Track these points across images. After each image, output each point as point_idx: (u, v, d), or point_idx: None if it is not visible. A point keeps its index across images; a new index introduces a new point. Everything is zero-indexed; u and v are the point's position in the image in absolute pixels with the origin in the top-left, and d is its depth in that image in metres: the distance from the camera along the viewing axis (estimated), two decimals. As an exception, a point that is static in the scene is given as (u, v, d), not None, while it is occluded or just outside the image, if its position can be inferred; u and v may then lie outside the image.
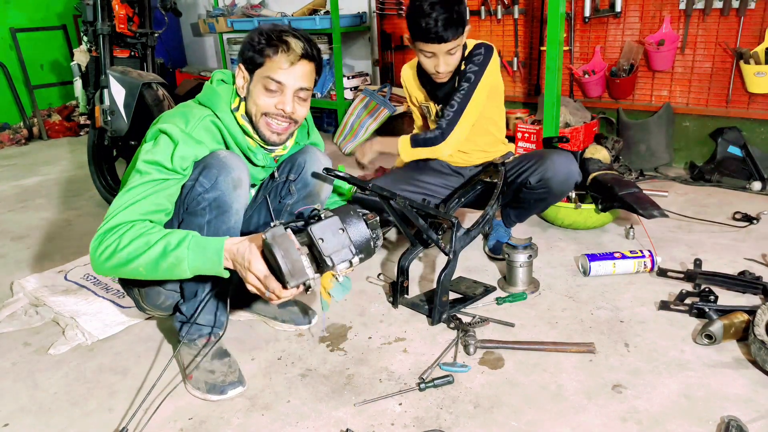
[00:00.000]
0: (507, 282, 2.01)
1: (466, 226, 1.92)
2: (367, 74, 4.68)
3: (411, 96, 2.28)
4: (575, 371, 1.53)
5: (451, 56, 1.95)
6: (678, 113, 3.28)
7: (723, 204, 2.71)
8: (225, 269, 1.31)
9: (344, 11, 4.37)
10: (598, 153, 3.13)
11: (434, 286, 1.86)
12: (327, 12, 4.48)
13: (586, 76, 3.45)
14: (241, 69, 1.51)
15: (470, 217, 2.69)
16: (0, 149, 4.93)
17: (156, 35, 3.09)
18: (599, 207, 2.37)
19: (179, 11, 3.30)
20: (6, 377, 1.64)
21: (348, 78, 4.48)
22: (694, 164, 3.19)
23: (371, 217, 1.33)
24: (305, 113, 1.55)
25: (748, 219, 2.46)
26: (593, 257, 2.05)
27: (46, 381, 1.61)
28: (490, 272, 2.16)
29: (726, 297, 1.85)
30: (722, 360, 1.54)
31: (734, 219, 2.51)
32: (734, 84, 3.06)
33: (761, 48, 2.89)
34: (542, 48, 3.47)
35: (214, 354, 1.57)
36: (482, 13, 3.82)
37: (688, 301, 1.81)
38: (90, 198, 3.34)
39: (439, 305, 1.77)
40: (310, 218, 1.30)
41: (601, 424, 1.33)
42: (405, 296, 1.95)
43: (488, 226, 2.12)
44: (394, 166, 2.41)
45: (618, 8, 3.27)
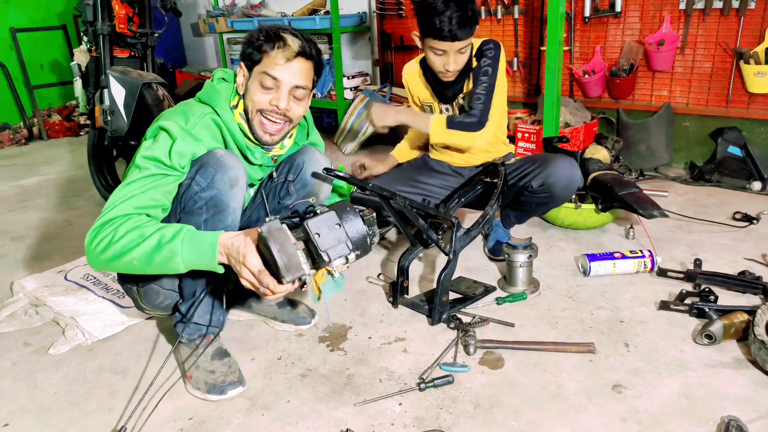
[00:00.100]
0: (507, 282, 2.01)
1: (466, 226, 1.92)
2: (367, 74, 4.68)
3: (414, 95, 2.28)
4: (575, 371, 1.53)
5: (461, 55, 1.94)
6: (678, 113, 3.28)
7: (723, 204, 2.71)
8: (220, 264, 1.29)
9: (344, 11, 4.37)
10: (598, 153, 3.13)
11: (434, 286, 1.86)
12: (327, 12, 4.48)
13: (586, 76, 3.45)
14: (242, 67, 1.51)
15: (470, 217, 2.69)
16: (0, 149, 4.93)
17: (156, 35, 3.09)
18: (599, 207, 2.37)
19: (179, 11, 3.30)
20: (6, 377, 1.64)
21: (348, 78, 4.48)
22: (694, 164, 3.19)
23: (367, 213, 1.32)
24: (301, 113, 1.54)
25: (748, 219, 2.46)
26: (593, 257, 2.05)
27: (46, 381, 1.61)
28: (490, 272, 2.16)
29: (726, 297, 1.85)
30: (722, 360, 1.54)
31: (734, 219, 2.51)
32: (734, 84, 3.06)
33: (761, 48, 2.89)
34: (542, 48, 3.47)
35: (214, 354, 1.57)
36: (482, 13, 3.82)
37: (688, 301, 1.81)
38: (90, 198, 3.34)
39: (439, 305, 1.77)
40: (306, 214, 1.29)
41: (601, 424, 1.33)
42: (405, 296, 1.95)
43: (488, 226, 2.12)
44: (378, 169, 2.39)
45: (618, 8, 3.27)
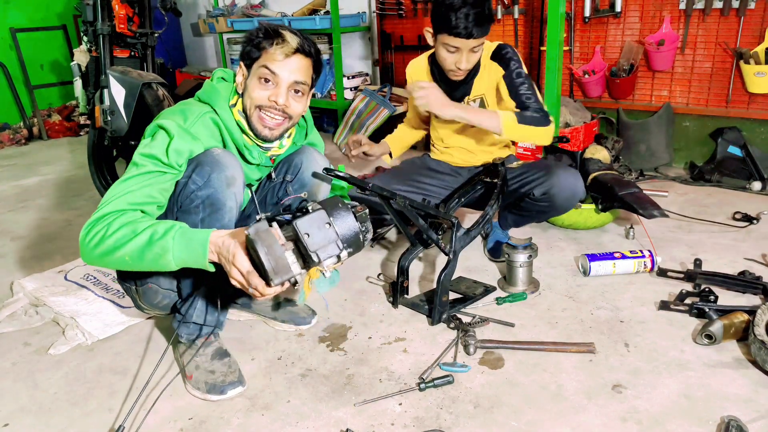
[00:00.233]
0: (507, 282, 2.01)
1: (466, 226, 1.92)
2: (367, 74, 4.68)
3: None
4: (575, 371, 1.53)
5: (474, 54, 1.93)
6: (678, 113, 3.28)
7: (723, 204, 2.71)
8: (211, 263, 1.29)
9: (344, 11, 4.37)
10: (598, 153, 3.14)
11: (434, 286, 1.86)
12: (327, 12, 4.48)
13: (586, 76, 3.45)
14: (241, 66, 1.52)
15: (470, 217, 2.69)
16: (0, 149, 4.93)
17: (156, 35, 3.09)
18: (599, 207, 2.37)
19: (179, 11, 3.30)
20: (6, 377, 1.64)
21: (348, 78, 4.48)
22: (694, 164, 3.19)
23: (360, 210, 1.30)
24: (300, 110, 1.54)
25: (748, 219, 2.46)
26: (593, 257, 2.05)
27: (46, 381, 1.61)
28: (490, 272, 2.16)
29: (726, 297, 1.85)
30: (722, 360, 1.54)
31: (734, 219, 2.51)
32: (734, 84, 3.07)
33: (761, 48, 2.89)
34: (542, 48, 3.47)
35: (214, 354, 1.57)
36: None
37: (688, 301, 1.81)
38: (90, 198, 3.34)
39: (439, 305, 1.77)
40: (296, 211, 1.27)
41: (601, 424, 1.33)
42: (405, 296, 1.95)
43: (488, 226, 2.12)
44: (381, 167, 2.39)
45: (618, 8, 3.28)
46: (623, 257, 2.04)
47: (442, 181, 2.28)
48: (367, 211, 1.32)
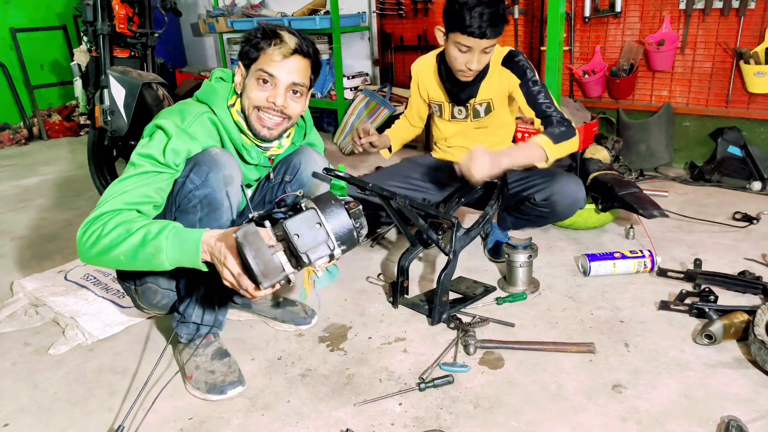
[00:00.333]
0: (507, 282, 2.01)
1: (466, 226, 1.92)
2: (367, 74, 4.68)
3: (422, 89, 2.24)
4: (575, 371, 1.53)
5: (485, 55, 1.91)
6: (678, 113, 3.28)
7: (723, 204, 2.71)
8: (204, 263, 1.28)
9: (344, 11, 4.37)
10: (598, 153, 3.13)
11: (434, 286, 1.86)
12: (327, 12, 4.48)
13: (586, 76, 3.45)
14: (240, 66, 1.52)
15: (470, 217, 2.69)
16: (0, 149, 4.93)
17: (156, 35, 3.09)
18: (599, 207, 2.37)
19: (179, 11, 3.30)
20: (6, 377, 1.64)
21: (348, 78, 4.48)
22: (694, 164, 3.19)
23: (353, 206, 1.28)
24: (299, 110, 1.54)
25: (748, 219, 2.46)
26: (593, 257, 2.05)
27: (46, 381, 1.61)
28: (490, 272, 2.16)
29: (726, 297, 1.85)
30: (722, 360, 1.54)
31: (734, 219, 2.51)
32: (734, 84, 3.07)
33: (761, 48, 2.89)
34: (542, 48, 3.47)
35: (214, 354, 1.57)
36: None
37: (688, 301, 1.81)
38: (90, 198, 3.34)
39: (439, 305, 1.77)
40: (291, 209, 1.26)
41: (601, 424, 1.33)
42: (405, 296, 1.95)
43: (488, 227, 2.12)
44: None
45: (618, 8, 3.28)
46: (623, 257, 2.04)
47: (442, 179, 2.28)
48: (361, 208, 1.30)
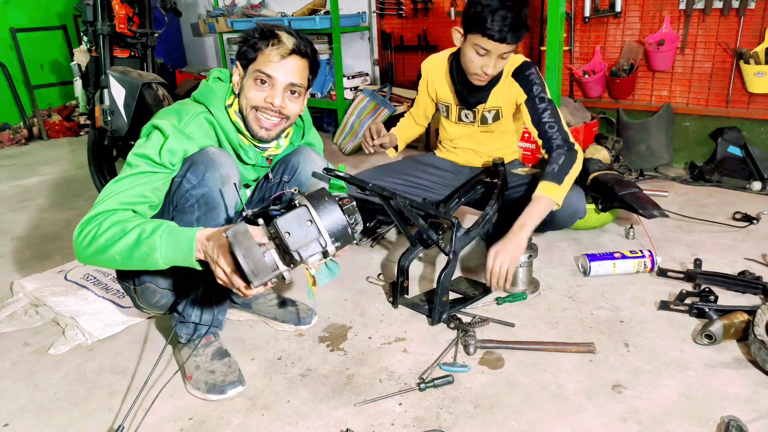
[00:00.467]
0: (507, 282, 2.01)
1: (466, 226, 1.92)
2: (367, 74, 4.68)
3: (431, 88, 2.23)
4: (575, 371, 1.53)
5: (502, 60, 1.89)
6: (678, 113, 3.28)
7: (723, 204, 2.71)
8: (198, 261, 1.28)
9: (344, 11, 4.37)
10: (598, 153, 3.14)
11: (434, 286, 1.86)
12: (327, 12, 4.48)
13: (586, 76, 3.45)
14: (238, 66, 1.52)
15: (470, 217, 2.69)
16: (0, 149, 4.93)
17: (156, 35, 3.09)
18: (599, 207, 2.37)
19: (179, 11, 3.30)
20: (6, 377, 1.64)
21: (348, 78, 4.48)
22: (694, 164, 3.19)
23: (347, 202, 1.27)
24: (297, 111, 1.53)
25: (748, 219, 2.46)
26: (593, 257, 2.05)
27: (46, 381, 1.61)
28: (490, 272, 2.16)
29: (726, 297, 1.85)
30: (722, 360, 1.54)
31: (734, 219, 2.51)
32: (734, 84, 3.07)
33: (761, 48, 2.89)
34: (542, 48, 3.47)
35: (214, 354, 1.57)
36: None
37: (688, 301, 1.81)
38: (90, 198, 3.34)
39: (439, 305, 1.77)
40: (285, 207, 1.26)
41: (601, 424, 1.33)
42: (405, 296, 1.95)
43: (488, 227, 2.12)
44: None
45: (618, 8, 3.28)
46: (623, 257, 2.04)
47: (443, 178, 2.28)
48: (355, 203, 1.29)
